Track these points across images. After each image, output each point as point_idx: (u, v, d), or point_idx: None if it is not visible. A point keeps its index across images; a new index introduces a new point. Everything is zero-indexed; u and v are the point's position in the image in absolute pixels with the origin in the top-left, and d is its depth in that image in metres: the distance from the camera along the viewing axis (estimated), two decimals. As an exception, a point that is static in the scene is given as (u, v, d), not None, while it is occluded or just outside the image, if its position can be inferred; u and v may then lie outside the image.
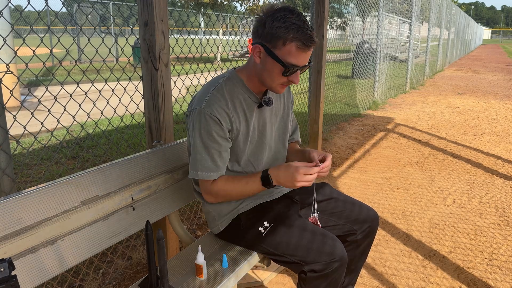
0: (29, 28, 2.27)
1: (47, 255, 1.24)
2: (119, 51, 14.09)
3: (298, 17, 1.34)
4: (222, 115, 1.42)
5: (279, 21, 1.33)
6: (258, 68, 1.44)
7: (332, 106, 6.40)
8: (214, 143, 1.43)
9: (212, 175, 1.45)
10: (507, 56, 26.02)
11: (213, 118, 1.41)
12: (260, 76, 1.46)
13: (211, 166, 1.44)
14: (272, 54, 1.37)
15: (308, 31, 1.33)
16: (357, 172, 3.94)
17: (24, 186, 3.29)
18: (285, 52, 1.35)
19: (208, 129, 1.42)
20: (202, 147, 1.43)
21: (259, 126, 1.56)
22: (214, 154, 1.44)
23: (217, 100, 1.43)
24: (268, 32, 1.36)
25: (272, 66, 1.39)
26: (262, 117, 1.57)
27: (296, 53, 1.35)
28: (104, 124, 5.16)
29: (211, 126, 1.41)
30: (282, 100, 1.67)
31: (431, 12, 11.36)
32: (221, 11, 15.62)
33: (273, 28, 1.34)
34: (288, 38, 1.33)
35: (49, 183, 1.28)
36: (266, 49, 1.38)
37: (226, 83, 1.48)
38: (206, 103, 1.42)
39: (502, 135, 5.40)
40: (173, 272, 1.46)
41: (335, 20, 13.60)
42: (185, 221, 2.79)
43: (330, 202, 1.70)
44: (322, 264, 1.40)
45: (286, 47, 1.35)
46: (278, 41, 1.35)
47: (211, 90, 1.45)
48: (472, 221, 2.93)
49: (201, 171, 1.44)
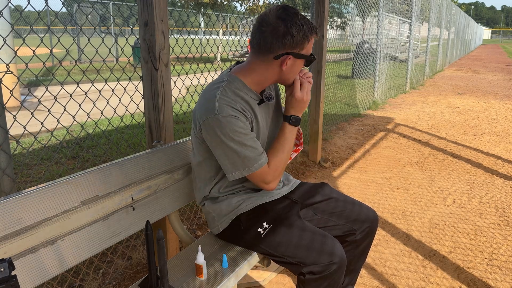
0: (29, 28, 2.27)
1: (47, 255, 1.24)
2: (119, 51, 14.09)
3: (300, 15, 1.44)
4: (237, 113, 1.43)
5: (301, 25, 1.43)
6: (278, 72, 1.50)
7: (332, 106, 6.40)
8: (244, 135, 1.43)
9: (262, 161, 1.47)
10: (507, 56, 26.02)
11: (232, 117, 1.40)
12: (279, 79, 1.52)
13: (256, 156, 1.45)
14: (301, 56, 1.47)
15: (310, 23, 1.46)
16: (357, 172, 3.94)
17: (24, 186, 3.29)
18: (308, 47, 1.49)
19: (233, 128, 1.40)
20: (238, 145, 1.42)
21: (263, 122, 1.57)
22: (251, 144, 1.44)
23: (227, 102, 1.43)
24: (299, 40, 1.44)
25: (299, 64, 1.50)
26: (266, 113, 1.58)
27: (310, 45, 1.50)
28: (104, 124, 5.16)
29: (234, 124, 1.40)
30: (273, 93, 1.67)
31: (431, 12, 11.36)
32: (221, 11, 15.62)
33: (295, 36, 1.42)
34: (307, 36, 1.45)
35: (49, 183, 1.28)
36: (295, 54, 1.45)
37: (228, 86, 1.47)
38: (218, 108, 1.40)
39: (502, 135, 5.40)
40: (173, 272, 1.46)
41: (335, 20, 13.61)
42: (185, 221, 2.79)
43: (330, 202, 1.70)
44: (321, 265, 1.39)
45: (310, 43, 1.48)
46: (305, 42, 1.45)
47: (216, 95, 1.43)
48: (472, 221, 2.93)
49: (252, 164, 1.45)
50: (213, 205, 1.60)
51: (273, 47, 1.42)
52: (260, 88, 1.53)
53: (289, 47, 1.43)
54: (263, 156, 1.47)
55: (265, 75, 1.49)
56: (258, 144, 1.47)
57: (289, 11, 1.42)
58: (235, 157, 1.44)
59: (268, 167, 1.49)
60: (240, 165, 1.44)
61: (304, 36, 1.44)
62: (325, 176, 3.84)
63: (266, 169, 1.49)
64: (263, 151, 1.48)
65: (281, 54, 1.43)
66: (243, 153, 1.43)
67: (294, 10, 1.44)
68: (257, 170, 1.46)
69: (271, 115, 1.64)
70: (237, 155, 1.43)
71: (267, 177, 1.50)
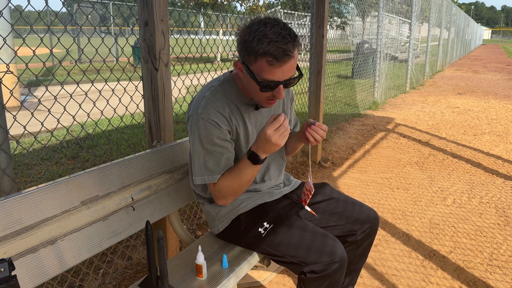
0: (29, 28, 2.27)
1: (47, 255, 1.23)
2: (119, 51, 14.09)
3: (272, 29, 1.24)
4: (219, 118, 1.41)
5: (251, 35, 1.26)
6: (245, 82, 1.41)
7: (332, 106, 6.40)
8: (215, 146, 1.42)
9: (217, 177, 1.45)
10: (507, 56, 26.02)
11: (211, 123, 1.40)
12: (245, 90, 1.44)
13: (216, 169, 1.44)
14: (249, 70, 1.31)
15: (281, 44, 1.23)
16: (357, 172, 3.94)
17: (24, 186, 3.29)
18: (258, 68, 1.28)
19: (207, 134, 1.40)
20: (204, 152, 1.43)
21: (257, 127, 1.55)
22: (217, 157, 1.43)
23: (213, 104, 1.42)
24: (241, 48, 1.30)
25: (252, 82, 1.33)
26: (260, 118, 1.56)
27: (268, 69, 1.26)
28: (104, 124, 5.16)
29: (210, 131, 1.40)
30: (282, 99, 1.66)
31: (431, 12, 11.36)
32: (221, 11, 15.62)
33: (245, 44, 1.28)
34: (259, 54, 1.25)
35: (49, 183, 1.28)
36: (244, 65, 1.32)
37: (221, 87, 1.47)
38: (202, 108, 1.41)
39: (502, 135, 5.40)
40: (173, 272, 1.46)
41: (335, 20, 13.60)
42: (185, 221, 2.79)
43: (330, 203, 1.70)
44: (322, 265, 1.39)
45: (257, 63, 1.27)
46: (250, 57, 1.28)
47: (206, 95, 1.44)
48: (472, 221, 2.93)
49: (207, 175, 1.44)
50: (213, 205, 1.60)
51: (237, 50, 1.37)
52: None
53: (241, 54, 1.33)
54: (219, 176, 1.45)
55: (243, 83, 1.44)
56: (227, 160, 1.45)
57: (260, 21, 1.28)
58: (197, 161, 1.44)
59: (215, 186, 1.46)
60: (198, 171, 1.45)
61: (249, 49, 1.26)
62: (325, 176, 3.84)
63: (215, 187, 1.46)
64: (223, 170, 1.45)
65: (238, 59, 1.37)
66: (205, 161, 1.43)
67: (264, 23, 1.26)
68: (210, 183, 1.46)
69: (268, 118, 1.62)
70: (200, 160, 1.44)
71: (215, 194, 1.48)
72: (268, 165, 1.63)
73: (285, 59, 1.25)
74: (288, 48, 1.25)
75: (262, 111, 1.56)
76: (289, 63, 1.27)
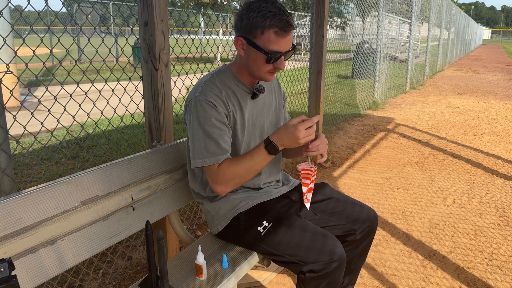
0: (29, 28, 2.27)
1: (47, 255, 1.23)
2: (119, 51, 14.09)
3: (273, 4, 1.37)
4: (217, 101, 1.45)
5: (255, 11, 1.37)
6: (244, 60, 1.47)
7: (332, 106, 6.40)
8: (214, 128, 1.44)
9: (220, 158, 1.44)
10: (507, 56, 26.02)
11: (209, 104, 1.43)
12: (247, 68, 1.48)
13: (217, 150, 1.43)
14: (254, 44, 1.40)
15: (284, 17, 1.36)
16: (357, 172, 3.94)
17: (24, 186, 3.29)
18: (265, 40, 1.38)
19: (206, 115, 1.43)
20: (204, 134, 1.43)
21: (253, 117, 1.57)
22: (217, 138, 1.44)
23: (210, 88, 1.46)
24: (246, 24, 1.39)
25: (256, 56, 1.42)
26: (255, 108, 1.58)
27: (275, 40, 1.38)
28: (104, 124, 5.16)
29: (208, 112, 1.43)
30: (274, 95, 1.68)
31: (431, 12, 11.36)
32: (221, 11, 15.62)
33: (250, 19, 1.37)
34: (266, 26, 1.36)
35: (49, 183, 1.28)
36: (248, 40, 1.41)
37: (218, 74, 1.52)
38: (200, 92, 1.46)
39: (502, 135, 5.40)
40: (173, 272, 1.46)
41: (335, 20, 13.60)
42: (185, 221, 2.79)
43: (330, 202, 1.70)
44: (321, 264, 1.40)
45: (265, 35, 1.38)
46: (256, 30, 1.38)
47: (203, 81, 1.49)
48: (472, 221, 2.93)
49: (208, 157, 1.43)
50: (212, 204, 1.60)
51: (234, 30, 1.45)
52: (249, 80, 1.53)
53: (242, 30, 1.42)
54: (223, 156, 1.44)
55: (241, 63, 1.50)
56: (225, 142, 1.45)
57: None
58: (198, 144, 1.45)
59: (219, 167, 1.44)
60: (199, 154, 1.45)
61: (255, 23, 1.37)
62: (325, 176, 3.84)
63: (219, 169, 1.45)
64: (227, 151, 1.45)
65: (237, 36, 1.44)
66: (205, 143, 1.44)
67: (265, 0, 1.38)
68: (211, 165, 1.45)
69: (269, 117, 1.64)
70: (200, 143, 1.44)
71: (217, 177, 1.46)
72: None
73: (289, 29, 1.38)
74: (290, 19, 1.38)
75: (258, 103, 1.58)
76: (291, 33, 1.41)
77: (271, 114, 1.66)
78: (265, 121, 1.63)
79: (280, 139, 1.38)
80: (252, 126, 1.58)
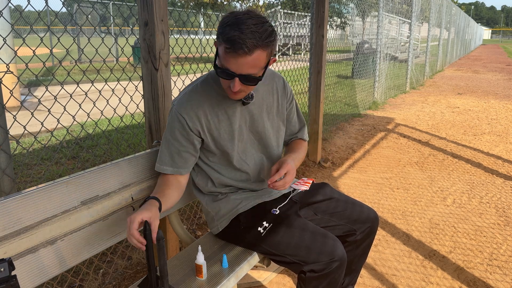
0: (29, 28, 2.27)
1: (47, 255, 1.24)
2: (119, 51, 14.08)
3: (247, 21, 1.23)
4: (189, 116, 1.44)
5: (229, 19, 1.27)
6: None
7: (332, 106, 6.40)
8: (175, 140, 1.47)
9: (165, 169, 1.49)
10: (507, 56, 26.02)
11: (178, 117, 1.45)
12: None
13: (167, 161, 1.49)
14: (216, 52, 1.32)
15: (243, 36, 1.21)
16: (357, 172, 3.94)
17: (24, 186, 3.29)
18: (220, 52, 1.28)
19: (172, 126, 1.47)
20: (165, 142, 1.49)
21: (247, 123, 1.54)
22: (172, 151, 1.48)
23: (189, 100, 1.46)
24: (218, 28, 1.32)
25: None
26: (250, 114, 1.53)
27: (224, 56, 1.26)
28: (104, 124, 5.15)
29: (175, 124, 1.46)
30: (275, 97, 1.61)
31: (431, 12, 11.36)
32: (221, 11, 15.62)
33: (220, 25, 1.29)
34: (222, 37, 1.26)
35: (49, 183, 1.28)
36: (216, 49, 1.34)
37: (203, 83, 1.49)
38: (178, 101, 1.47)
39: (502, 135, 5.40)
40: (173, 272, 1.46)
41: (335, 20, 13.60)
42: (185, 221, 2.79)
43: (330, 202, 1.70)
44: (322, 264, 1.40)
45: (220, 46, 1.28)
46: (218, 38, 1.29)
47: (186, 90, 1.50)
48: (472, 221, 2.93)
49: (158, 163, 1.50)
50: (212, 204, 1.60)
51: None
52: None
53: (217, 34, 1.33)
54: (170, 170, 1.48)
55: None
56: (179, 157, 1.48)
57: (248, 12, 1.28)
58: (160, 147, 1.52)
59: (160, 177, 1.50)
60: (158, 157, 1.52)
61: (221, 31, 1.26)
62: (325, 176, 3.84)
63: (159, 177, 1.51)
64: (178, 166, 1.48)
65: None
66: (162, 148, 1.50)
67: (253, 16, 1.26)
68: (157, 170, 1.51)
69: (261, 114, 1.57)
70: (161, 147, 1.51)
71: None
72: (262, 163, 1.62)
73: (239, 52, 1.23)
74: (247, 43, 1.22)
75: (252, 108, 1.53)
76: (244, 57, 1.24)
77: (272, 117, 1.62)
78: (266, 125, 1.59)
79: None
80: (245, 132, 1.55)
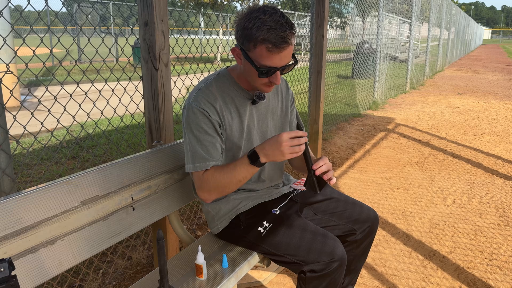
0: (29, 28, 2.27)
1: (47, 255, 1.23)
2: (119, 51, 14.08)
3: (271, 17, 1.28)
4: (210, 109, 1.43)
5: (250, 22, 1.30)
6: (242, 69, 1.44)
7: (332, 106, 6.40)
8: (205, 134, 1.43)
9: (208, 164, 1.43)
10: (507, 56, 26.02)
11: (201, 111, 1.42)
12: (245, 77, 1.46)
13: (206, 156, 1.43)
14: (247, 57, 1.34)
15: (279, 32, 1.27)
16: (357, 172, 3.94)
17: (24, 186, 3.29)
18: (257, 55, 1.32)
19: (197, 122, 1.43)
20: (195, 140, 1.44)
21: (254, 122, 1.55)
22: (207, 145, 1.43)
23: (205, 95, 1.45)
24: (241, 35, 1.34)
25: (250, 68, 1.37)
26: (257, 113, 1.56)
27: (267, 55, 1.30)
28: (104, 124, 5.16)
29: (200, 119, 1.43)
30: (280, 98, 1.65)
31: (431, 12, 11.36)
32: (221, 11, 15.62)
33: (245, 30, 1.31)
34: (258, 40, 1.29)
35: (49, 183, 1.28)
36: (242, 51, 1.36)
37: (216, 80, 1.50)
38: (194, 97, 1.45)
39: (502, 135, 5.40)
40: (173, 272, 1.46)
41: (335, 20, 13.61)
42: (185, 221, 2.79)
43: (330, 202, 1.70)
44: (322, 264, 1.40)
45: (257, 50, 1.31)
46: (249, 43, 1.32)
47: (199, 87, 1.48)
48: (472, 221, 2.93)
49: (198, 163, 1.43)
50: (212, 204, 1.60)
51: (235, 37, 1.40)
52: (249, 86, 1.50)
53: (238, 40, 1.37)
54: (211, 163, 1.43)
55: (240, 70, 1.47)
56: (215, 149, 1.44)
57: (259, 9, 1.31)
58: (190, 149, 1.45)
59: (205, 174, 1.43)
60: (190, 159, 1.45)
61: (248, 35, 1.30)
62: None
63: (204, 176, 1.43)
64: (216, 159, 1.44)
65: (236, 44, 1.41)
66: (195, 148, 1.44)
67: (264, 11, 1.30)
68: (198, 171, 1.44)
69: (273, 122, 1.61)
70: (191, 148, 1.45)
71: (202, 184, 1.45)
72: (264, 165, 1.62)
73: (283, 46, 1.30)
74: (286, 35, 1.29)
75: (260, 107, 1.56)
76: (287, 49, 1.32)
77: (276, 118, 1.63)
78: (269, 125, 1.60)
79: (264, 148, 1.34)
80: (253, 131, 1.56)
